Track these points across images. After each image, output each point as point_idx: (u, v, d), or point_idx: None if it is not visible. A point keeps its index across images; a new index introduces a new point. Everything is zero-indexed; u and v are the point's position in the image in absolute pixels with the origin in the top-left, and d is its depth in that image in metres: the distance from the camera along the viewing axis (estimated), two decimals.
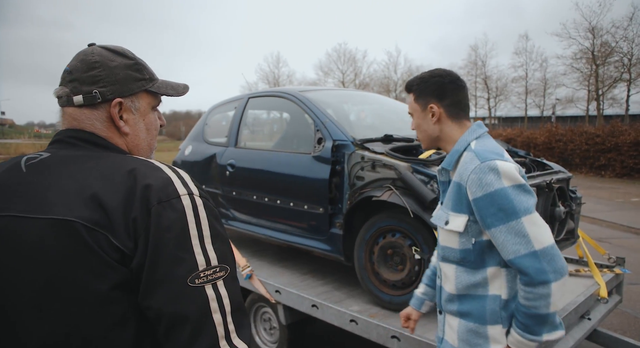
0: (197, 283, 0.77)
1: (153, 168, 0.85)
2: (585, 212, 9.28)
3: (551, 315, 1.29)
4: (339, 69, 43.35)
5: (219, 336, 0.78)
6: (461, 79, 1.52)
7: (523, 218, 1.28)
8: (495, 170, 1.30)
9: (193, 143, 4.33)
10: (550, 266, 1.26)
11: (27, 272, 0.75)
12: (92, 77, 0.89)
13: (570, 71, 30.77)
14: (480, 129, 1.48)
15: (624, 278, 3.30)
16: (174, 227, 0.78)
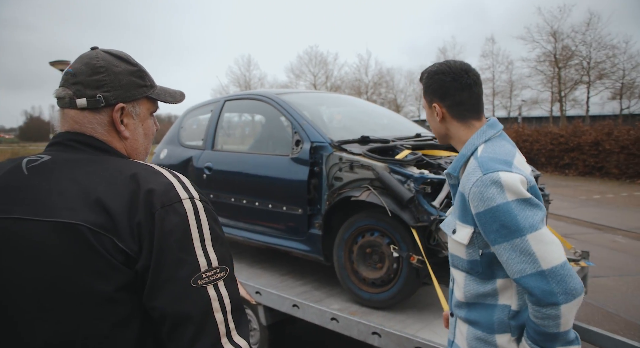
0: (200, 284, 0.80)
1: (154, 172, 0.87)
2: (552, 209, 9.64)
3: (562, 333, 1.22)
4: (310, 72, 43.47)
5: (220, 334, 0.81)
6: (468, 75, 1.39)
7: (528, 236, 1.18)
8: (498, 183, 1.21)
9: (168, 146, 4.29)
10: (560, 288, 1.16)
11: (31, 273, 0.76)
12: (97, 82, 0.91)
13: (534, 73, 31.90)
14: (491, 130, 1.38)
15: (589, 271, 3.47)
16: (177, 230, 0.80)
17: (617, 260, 5.82)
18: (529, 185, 1.24)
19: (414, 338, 2.22)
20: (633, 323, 3.87)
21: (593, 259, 5.71)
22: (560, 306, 1.16)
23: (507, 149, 1.34)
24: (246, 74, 45.10)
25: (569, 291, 1.16)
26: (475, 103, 1.40)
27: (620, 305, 4.25)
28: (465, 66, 1.41)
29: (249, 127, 4.57)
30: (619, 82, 29.45)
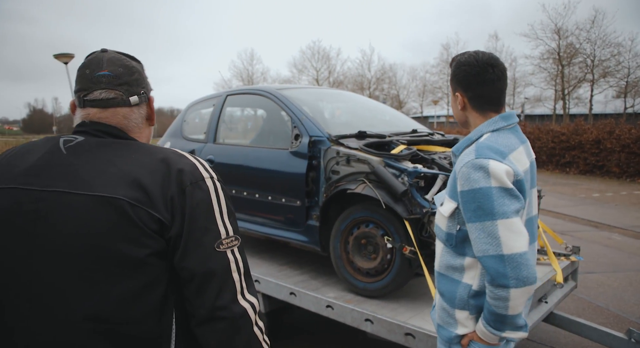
0: (221, 248, 0.97)
1: (180, 155, 1.01)
2: (550, 207, 9.73)
3: (510, 316, 1.32)
4: (313, 67, 43.46)
5: (237, 291, 0.97)
6: (494, 70, 1.44)
7: (499, 221, 1.29)
8: (485, 169, 1.31)
9: (171, 139, 4.39)
10: (514, 273, 1.27)
11: (73, 240, 0.87)
12: (136, 81, 1.05)
13: (538, 70, 31.81)
14: (502, 122, 1.44)
15: (580, 266, 3.56)
16: (203, 204, 0.96)
17: (611, 257, 5.90)
18: (516, 178, 1.34)
19: (404, 325, 2.32)
20: (622, 316, 3.97)
21: (588, 256, 5.81)
22: (510, 289, 1.28)
23: (509, 142, 1.42)
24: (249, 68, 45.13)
25: (521, 278, 1.28)
26: (496, 97, 1.47)
27: (610, 299, 4.35)
28: (493, 60, 1.46)
29: (250, 122, 4.66)
30: (623, 81, 29.40)
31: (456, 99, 1.52)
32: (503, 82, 1.48)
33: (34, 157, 0.95)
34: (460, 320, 1.47)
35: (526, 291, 1.29)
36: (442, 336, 1.54)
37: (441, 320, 1.54)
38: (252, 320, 1.00)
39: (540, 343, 3.42)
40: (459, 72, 1.48)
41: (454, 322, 1.49)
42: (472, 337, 1.45)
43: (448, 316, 1.50)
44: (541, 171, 17.43)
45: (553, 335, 3.58)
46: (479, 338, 1.43)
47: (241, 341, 0.97)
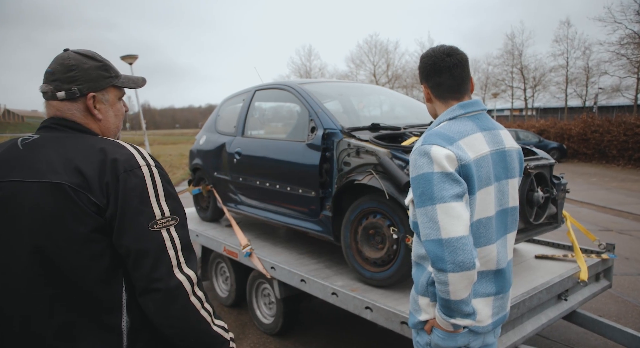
0: (155, 228, 1.07)
1: (118, 146, 1.13)
2: (613, 204, 9.06)
3: (453, 302, 1.34)
4: (370, 61, 43.06)
5: (172, 265, 1.08)
6: (450, 57, 1.47)
7: (437, 206, 1.31)
8: (428, 155, 1.34)
9: (207, 133, 4.65)
10: (450, 257, 1.29)
11: (28, 221, 1.02)
12: (71, 77, 1.15)
13: (615, 58, 29.20)
14: (460, 110, 1.47)
15: (616, 265, 3.35)
16: (137, 188, 1.07)
17: None
18: (460, 163, 1.36)
19: (400, 314, 2.34)
20: None
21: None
22: (448, 273, 1.31)
23: (464, 128, 1.43)
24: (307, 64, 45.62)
25: (457, 263, 1.29)
26: (455, 84, 1.49)
27: None
28: (449, 50, 1.49)
29: (275, 115, 4.81)
30: None
31: (424, 93, 1.56)
32: (460, 69, 1.48)
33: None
34: (423, 306, 1.51)
35: (464, 276, 1.30)
36: (410, 322, 1.59)
37: (411, 306, 1.59)
38: (188, 291, 1.09)
39: (566, 345, 3.27)
40: (421, 65, 1.54)
41: (418, 308, 1.53)
42: (433, 323, 1.48)
43: (415, 302, 1.55)
44: (610, 167, 16.18)
45: (583, 336, 3.40)
46: (437, 325, 1.46)
47: (177, 310, 1.08)
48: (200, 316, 1.13)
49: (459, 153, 1.36)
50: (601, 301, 4.06)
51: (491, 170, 1.44)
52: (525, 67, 35.71)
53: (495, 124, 1.55)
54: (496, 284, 1.51)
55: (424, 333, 1.52)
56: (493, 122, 1.55)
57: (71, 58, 1.17)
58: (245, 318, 3.84)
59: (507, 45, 36.60)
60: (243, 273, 3.84)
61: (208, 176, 4.48)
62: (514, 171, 1.54)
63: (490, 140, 1.47)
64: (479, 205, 1.42)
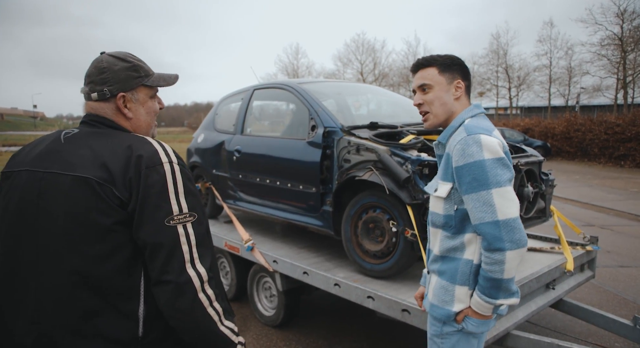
0: (172, 223, 1.13)
1: (145, 142, 1.19)
2: (596, 201, 9.37)
3: (505, 280, 1.43)
4: (357, 60, 43.27)
5: (185, 260, 1.13)
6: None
7: (493, 190, 1.40)
8: (479, 143, 1.44)
9: (205, 131, 4.73)
10: (508, 236, 1.38)
11: (61, 210, 1.12)
12: (102, 80, 1.25)
13: (596, 58, 29.88)
14: (477, 110, 1.62)
15: (613, 259, 3.54)
16: (157, 184, 1.13)
17: None
18: (504, 150, 1.49)
19: (401, 302, 2.48)
20: None
21: (625, 250, 5.64)
22: (506, 251, 1.40)
23: (488, 124, 1.58)
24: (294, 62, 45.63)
25: (515, 241, 1.40)
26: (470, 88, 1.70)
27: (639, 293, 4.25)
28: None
29: (274, 114, 4.91)
30: None
31: (451, 88, 1.62)
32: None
33: (42, 146, 1.21)
34: (459, 296, 1.55)
35: (520, 253, 1.41)
36: (438, 315, 1.61)
37: (438, 299, 1.61)
38: (197, 287, 1.13)
39: (554, 330, 3.45)
40: (457, 64, 1.65)
41: (451, 299, 1.57)
42: (467, 312, 1.55)
43: (446, 293, 1.58)
44: (592, 165, 16.63)
45: (569, 324, 3.59)
46: (473, 313, 1.53)
47: (184, 304, 1.12)
48: (206, 313, 1.16)
49: (502, 141, 1.50)
50: (585, 292, 4.27)
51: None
52: (510, 67, 36.32)
53: None
54: None
55: (455, 323, 1.58)
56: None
57: (104, 61, 1.27)
58: (246, 311, 3.95)
59: (493, 44, 37.13)
60: (243, 268, 3.94)
61: (206, 174, 4.56)
62: None
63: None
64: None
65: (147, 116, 1.34)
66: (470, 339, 1.60)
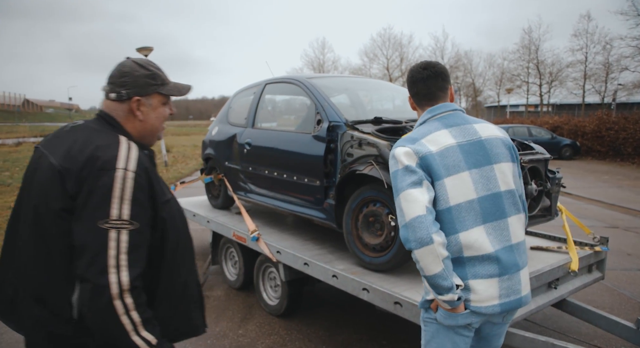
0: (105, 226, 1.17)
1: (113, 147, 1.26)
2: (623, 202, 9.06)
3: (430, 277, 1.50)
4: (383, 55, 42.92)
5: (109, 265, 1.16)
6: (424, 70, 1.71)
7: (400, 195, 1.53)
8: (393, 155, 1.61)
9: (219, 124, 4.85)
10: (412, 236, 1.47)
11: (37, 186, 1.26)
12: (122, 82, 1.36)
13: (637, 53, 28.49)
14: (428, 115, 1.70)
15: (617, 260, 3.46)
16: (104, 187, 1.19)
17: None
18: (419, 156, 1.57)
19: (394, 294, 2.51)
20: None
21: None
22: (414, 251, 1.49)
23: (429, 129, 1.65)
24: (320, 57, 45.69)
25: (417, 239, 1.47)
26: (428, 93, 1.72)
27: None
28: (427, 64, 1.75)
29: (284, 108, 4.98)
30: None
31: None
32: (434, 80, 1.72)
33: (56, 132, 1.38)
34: (426, 287, 1.64)
35: (427, 251, 1.46)
36: (420, 302, 1.73)
37: (424, 291, 1.71)
38: (113, 294, 1.15)
39: (558, 331, 3.40)
40: (407, 78, 1.79)
41: (426, 289, 1.67)
42: (437, 303, 1.63)
43: (424, 285, 1.68)
44: (624, 165, 16.03)
45: (575, 325, 3.53)
46: (440, 304, 1.60)
47: (96, 306, 1.16)
48: (118, 321, 1.18)
49: (417, 148, 1.58)
50: (597, 294, 4.17)
51: (461, 158, 1.60)
52: (541, 62, 35.28)
53: (468, 119, 1.72)
54: (498, 265, 1.57)
55: (431, 311, 1.67)
56: (465, 119, 1.71)
57: (126, 65, 1.38)
58: (252, 301, 4.05)
59: (524, 39, 36.12)
60: (251, 258, 4.04)
61: (219, 166, 4.68)
62: (498, 156, 1.66)
63: (458, 134, 1.64)
64: (452, 190, 1.57)
65: (157, 120, 1.44)
66: (451, 334, 1.64)
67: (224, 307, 3.94)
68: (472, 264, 1.57)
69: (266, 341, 3.32)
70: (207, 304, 4.01)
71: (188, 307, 1.46)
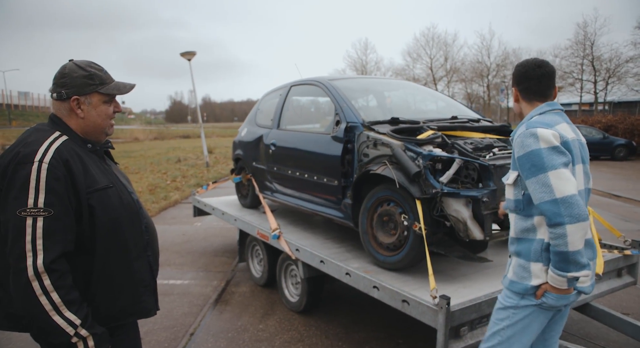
0: (22, 214, 1.31)
1: (37, 142, 1.40)
2: None
3: (572, 253, 1.57)
4: (427, 54, 42.17)
5: (26, 249, 1.30)
6: (538, 69, 1.82)
7: (550, 173, 1.60)
8: (535, 135, 1.65)
9: (248, 126, 5.01)
10: (567, 212, 1.55)
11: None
12: (62, 83, 1.49)
13: None
14: (547, 107, 1.82)
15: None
16: (21, 179, 1.33)
17: None
18: (562, 140, 1.67)
19: (402, 293, 2.53)
20: None
21: None
22: (566, 225, 1.56)
23: (555, 119, 1.76)
24: (363, 58, 45.53)
25: (573, 215, 1.56)
26: (540, 89, 1.85)
27: None
28: (540, 62, 1.86)
29: (307, 110, 5.06)
30: None
31: (513, 94, 1.92)
32: (548, 79, 1.84)
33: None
34: (535, 272, 1.72)
35: (580, 227, 1.56)
36: (517, 289, 1.78)
37: (517, 276, 1.78)
38: (30, 276, 1.28)
39: (582, 338, 3.27)
40: (515, 72, 1.91)
41: (528, 275, 1.74)
42: (546, 287, 1.70)
43: (523, 270, 1.76)
44: None
45: (604, 332, 3.38)
46: (551, 288, 1.68)
47: (17, 287, 1.30)
48: (37, 301, 1.30)
49: (560, 132, 1.69)
50: (630, 299, 3.96)
51: (578, 152, 1.76)
52: (597, 58, 33.36)
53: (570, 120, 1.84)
54: (592, 250, 1.76)
55: (532, 297, 1.75)
56: (569, 119, 1.84)
57: (67, 67, 1.52)
58: (275, 297, 4.17)
59: (578, 35, 34.22)
60: (274, 255, 4.16)
61: (248, 166, 4.84)
62: (587, 157, 1.84)
63: (573, 130, 1.79)
64: (578, 178, 1.72)
65: (98, 117, 1.57)
66: (545, 315, 1.78)
67: (248, 303, 4.08)
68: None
69: (284, 336, 3.42)
70: (231, 300, 4.18)
71: (136, 290, 1.57)
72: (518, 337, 1.79)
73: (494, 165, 2.69)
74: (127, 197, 1.60)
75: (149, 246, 1.67)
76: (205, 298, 4.21)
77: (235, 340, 3.38)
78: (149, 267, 1.65)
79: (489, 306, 2.43)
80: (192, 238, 6.40)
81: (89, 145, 1.57)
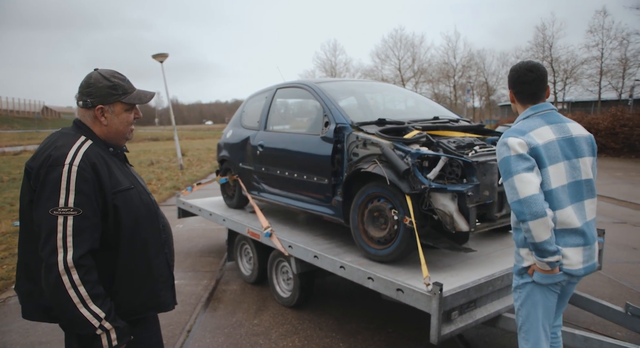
0: (54, 213, 1.42)
1: (66, 146, 1.51)
2: (634, 199, 9.08)
3: (539, 244, 1.84)
4: (395, 56, 42.92)
5: (58, 246, 1.40)
6: (530, 73, 2.01)
7: (514, 177, 1.86)
8: (505, 144, 1.92)
9: (233, 127, 5.11)
10: (527, 210, 1.82)
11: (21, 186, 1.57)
12: (88, 92, 1.60)
13: None
14: (531, 111, 2.03)
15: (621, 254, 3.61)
16: (53, 180, 1.44)
17: None
18: (530, 147, 1.90)
19: (396, 282, 2.72)
20: None
21: None
22: (528, 222, 1.83)
23: (533, 124, 1.98)
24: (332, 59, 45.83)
25: (532, 213, 1.81)
26: (532, 93, 2.04)
27: None
28: (532, 67, 2.03)
29: (294, 111, 5.21)
30: None
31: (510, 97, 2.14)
32: (538, 82, 2.02)
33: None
34: (524, 256, 2.02)
35: (540, 222, 1.81)
36: (515, 271, 2.08)
37: (515, 260, 2.09)
38: (61, 270, 1.38)
39: None
40: (509, 75, 2.11)
41: (521, 258, 2.04)
42: (534, 268, 1.98)
43: (518, 255, 2.07)
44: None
45: (575, 313, 3.68)
46: (537, 268, 1.95)
47: (48, 280, 1.40)
48: (66, 294, 1.39)
49: (528, 140, 1.91)
50: (597, 285, 4.31)
51: (559, 151, 1.95)
52: (555, 60, 34.91)
53: (563, 119, 2.05)
54: (583, 237, 1.95)
55: (527, 276, 2.02)
56: (560, 118, 2.05)
57: (92, 77, 1.63)
58: (266, 294, 4.29)
59: (537, 37, 35.75)
60: (264, 253, 4.28)
61: (234, 167, 4.94)
62: (582, 152, 2.02)
63: (557, 130, 1.98)
64: (553, 177, 1.92)
65: (120, 125, 1.68)
66: (544, 291, 2.01)
67: (240, 300, 4.18)
68: (562, 235, 1.94)
69: (280, 330, 3.55)
70: (223, 297, 4.27)
71: (155, 286, 1.69)
72: (533, 313, 2.03)
73: (477, 162, 2.91)
74: (147, 198, 1.70)
75: (166, 244, 1.78)
76: (197, 296, 4.29)
77: (232, 335, 3.49)
78: (167, 263, 1.76)
79: (476, 291, 2.65)
80: (176, 240, 6.42)
81: (111, 149, 1.68)
